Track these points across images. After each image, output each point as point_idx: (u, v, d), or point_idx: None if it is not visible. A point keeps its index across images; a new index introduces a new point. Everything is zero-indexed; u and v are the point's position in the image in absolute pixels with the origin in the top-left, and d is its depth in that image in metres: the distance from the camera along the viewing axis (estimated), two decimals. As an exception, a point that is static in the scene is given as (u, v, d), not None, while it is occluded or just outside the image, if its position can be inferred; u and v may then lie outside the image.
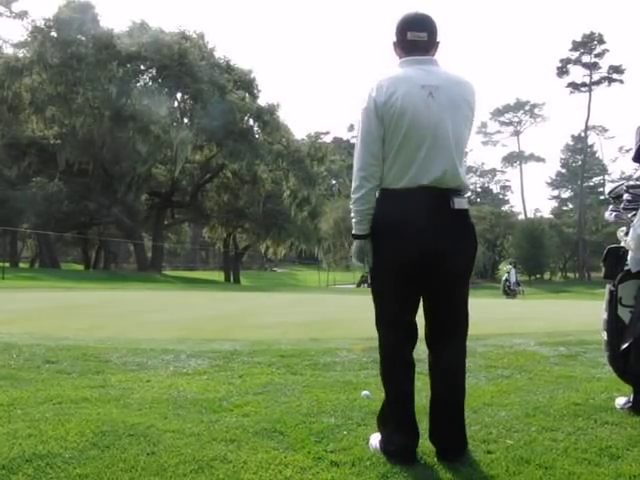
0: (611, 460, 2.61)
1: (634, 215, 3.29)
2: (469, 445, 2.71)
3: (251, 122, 38.90)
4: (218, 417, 3.19)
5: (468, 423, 2.85)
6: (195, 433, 2.90)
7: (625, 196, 3.41)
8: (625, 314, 3.33)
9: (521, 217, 67.50)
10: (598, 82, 61.55)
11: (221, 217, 42.02)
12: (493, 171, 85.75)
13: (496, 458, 2.61)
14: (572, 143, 72.45)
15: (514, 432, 2.96)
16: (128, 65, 34.80)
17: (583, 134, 66.22)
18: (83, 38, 33.89)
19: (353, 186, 2.65)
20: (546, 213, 73.02)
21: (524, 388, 3.90)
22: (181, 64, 34.36)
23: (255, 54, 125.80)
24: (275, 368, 4.55)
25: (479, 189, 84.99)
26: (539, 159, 79.69)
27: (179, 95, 37.51)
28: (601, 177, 70.97)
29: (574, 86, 62.32)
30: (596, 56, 60.82)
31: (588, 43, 60.55)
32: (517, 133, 76.72)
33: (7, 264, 30.35)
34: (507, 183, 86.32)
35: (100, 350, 5.25)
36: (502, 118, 76.60)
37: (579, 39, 60.97)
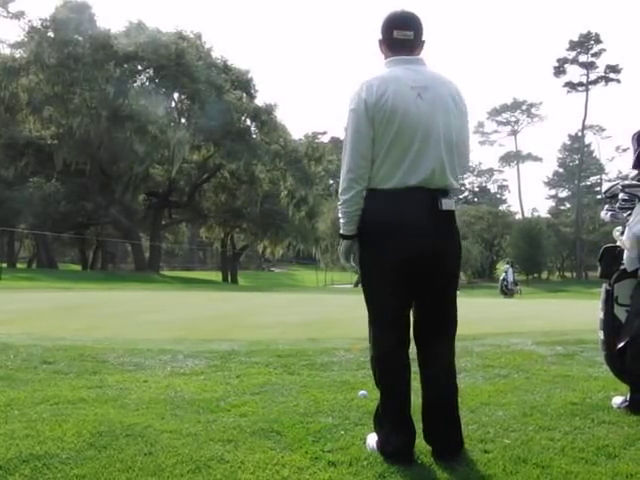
0: (608, 459, 2.61)
1: (630, 214, 3.30)
2: (466, 444, 2.71)
3: (248, 122, 38.95)
4: (215, 417, 3.19)
5: (465, 422, 2.85)
6: (192, 433, 2.90)
7: (621, 195, 3.41)
8: (621, 313, 3.33)
9: (518, 217, 67.56)
10: (595, 81, 61.65)
11: (219, 217, 42.03)
12: (490, 171, 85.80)
13: (493, 457, 2.62)
14: (569, 142, 72.54)
15: (511, 431, 2.97)
16: (125, 65, 34.78)
17: (580, 133, 66.33)
18: (80, 38, 33.86)
19: (341, 187, 2.63)
20: (543, 212, 73.08)
21: (521, 387, 3.90)
22: (178, 64, 34.35)
23: (252, 54, 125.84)
24: (272, 368, 4.54)
25: (476, 189, 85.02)
26: (536, 159, 79.86)
27: (176, 95, 37.54)
28: (598, 176, 71.04)
29: (571, 85, 62.41)
30: (593, 55, 60.93)
31: (585, 43, 60.65)
32: (514, 133, 76.79)
33: (4, 264, 30.30)
34: (504, 183, 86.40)
35: (97, 350, 5.24)
36: (499, 118, 76.67)
37: (576, 39, 61.08)
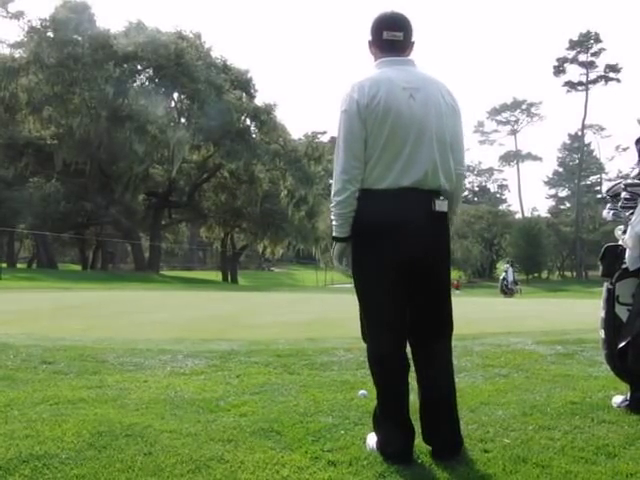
0: (608, 458, 2.60)
1: (632, 213, 3.29)
2: (466, 444, 2.71)
3: (248, 122, 38.99)
4: (215, 417, 3.19)
5: (465, 422, 2.85)
6: (192, 433, 2.90)
7: (623, 194, 3.41)
8: (623, 312, 3.33)
9: (518, 216, 67.67)
10: (595, 81, 61.74)
11: (218, 217, 42.05)
12: (490, 170, 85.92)
13: (493, 457, 2.61)
14: (569, 142, 72.61)
15: (511, 431, 2.96)
16: (125, 65, 34.80)
17: (580, 133, 66.44)
18: (80, 38, 33.89)
19: (334, 189, 2.61)
20: (543, 212, 73.29)
21: (521, 387, 3.90)
22: (178, 64, 34.38)
23: (252, 54, 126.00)
24: (272, 368, 4.54)
25: (476, 188, 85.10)
26: (536, 158, 79.99)
27: (176, 95, 37.58)
28: (598, 176, 71.17)
29: (571, 85, 62.50)
30: (593, 55, 61.03)
31: (585, 42, 60.72)
32: (514, 132, 76.88)
33: (4, 265, 30.34)
34: (504, 182, 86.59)
35: (97, 350, 5.24)
36: (499, 117, 76.75)
37: (576, 38, 61.21)
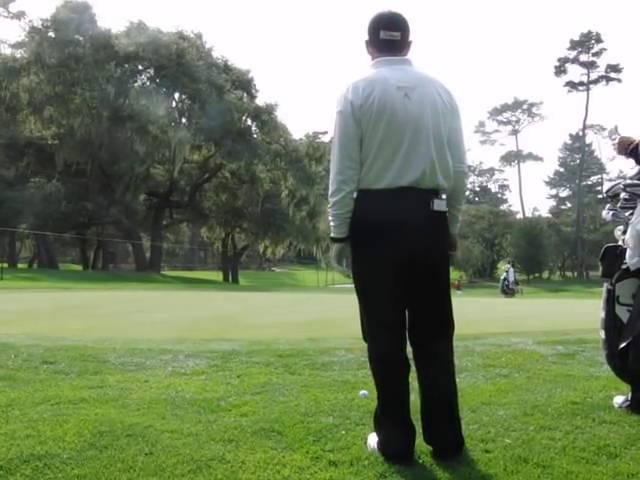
0: (609, 459, 2.60)
1: (631, 214, 3.29)
2: (467, 444, 2.71)
3: (249, 122, 38.99)
4: (216, 417, 3.19)
5: (466, 422, 2.85)
6: (193, 433, 2.90)
7: (622, 195, 3.41)
8: (623, 313, 3.33)
9: (519, 216, 67.67)
10: (596, 81, 61.67)
11: (219, 217, 42.05)
12: (491, 170, 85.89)
13: (494, 457, 2.61)
14: (570, 142, 72.53)
15: (512, 431, 2.96)
16: (126, 65, 34.82)
17: (581, 133, 66.36)
18: (81, 38, 33.92)
19: (331, 190, 2.62)
20: (544, 212, 73.25)
21: (522, 387, 3.90)
22: (179, 64, 34.39)
23: (253, 54, 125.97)
24: (273, 368, 4.54)
25: (477, 188, 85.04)
26: (537, 158, 79.86)
27: (177, 95, 37.58)
28: (599, 176, 71.05)
29: (572, 85, 62.44)
30: (594, 55, 60.96)
31: (586, 42, 60.67)
32: (515, 132, 76.81)
33: (5, 265, 30.32)
34: (505, 182, 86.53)
35: (98, 350, 5.24)
36: (500, 117, 76.69)
37: (577, 38, 61.13)
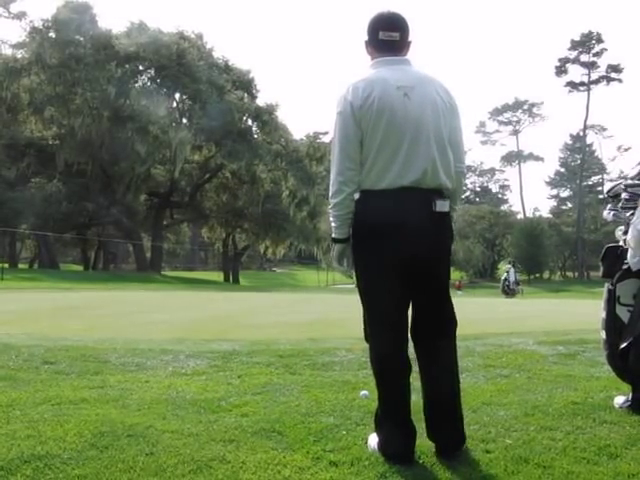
0: (610, 459, 2.60)
1: (632, 214, 3.29)
2: (468, 444, 2.71)
3: (250, 122, 39.02)
4: (217, 417, 3.19)
5: (467, 422, 2.85)
6: (194, 433, 2.90)
7: (623, 195, 3.41)
8: (623, 313, 3.33)
9: (520, 216, 67.63)
10: (596, 81, 61.68)
11: (220, 217, 42.05)
12: (492, 170, 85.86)
13: (495, 457, 2.61)
14: (571, 142, 72.54)
15: (513, 431, 2.96)
16: (127, 65, 34.85)
17: (582, 133, 66.32)
18: (81, 39, 33.95)
19: (331, 191, 2.62)
20: (545, 212, 73.24)
21: (523, 387, 3.90)
22: (179, 64, 34.41)
23: (254, 54, 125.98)
24: (274, 368, 4.53)
25: (478, 188, 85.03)
26: (538, 158, 79.85)
27: (178, 95, 37.60)
28: (600, 176, 71.07)
29: (573, 85, 62.45)
30: (594, 55, 60.96)
31: (586, 42, 60.67)
32: (516, 132, 76.81)
33: (6, 265, 30.35)
34: (506, 182, 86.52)
35: (99, 351, 5.24)
36: (501, 117, 76.70)
37: (577, 38, 61.15)
